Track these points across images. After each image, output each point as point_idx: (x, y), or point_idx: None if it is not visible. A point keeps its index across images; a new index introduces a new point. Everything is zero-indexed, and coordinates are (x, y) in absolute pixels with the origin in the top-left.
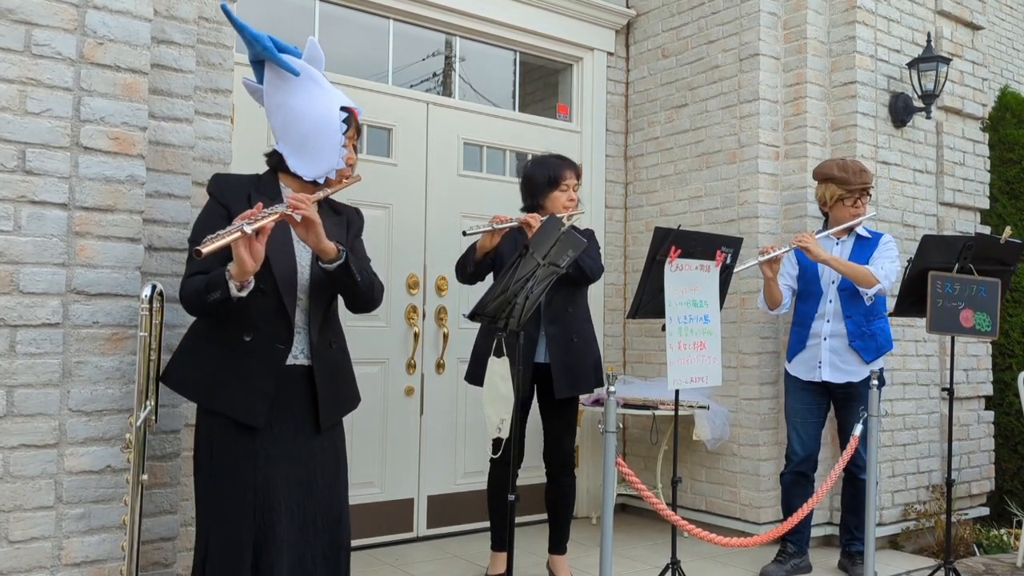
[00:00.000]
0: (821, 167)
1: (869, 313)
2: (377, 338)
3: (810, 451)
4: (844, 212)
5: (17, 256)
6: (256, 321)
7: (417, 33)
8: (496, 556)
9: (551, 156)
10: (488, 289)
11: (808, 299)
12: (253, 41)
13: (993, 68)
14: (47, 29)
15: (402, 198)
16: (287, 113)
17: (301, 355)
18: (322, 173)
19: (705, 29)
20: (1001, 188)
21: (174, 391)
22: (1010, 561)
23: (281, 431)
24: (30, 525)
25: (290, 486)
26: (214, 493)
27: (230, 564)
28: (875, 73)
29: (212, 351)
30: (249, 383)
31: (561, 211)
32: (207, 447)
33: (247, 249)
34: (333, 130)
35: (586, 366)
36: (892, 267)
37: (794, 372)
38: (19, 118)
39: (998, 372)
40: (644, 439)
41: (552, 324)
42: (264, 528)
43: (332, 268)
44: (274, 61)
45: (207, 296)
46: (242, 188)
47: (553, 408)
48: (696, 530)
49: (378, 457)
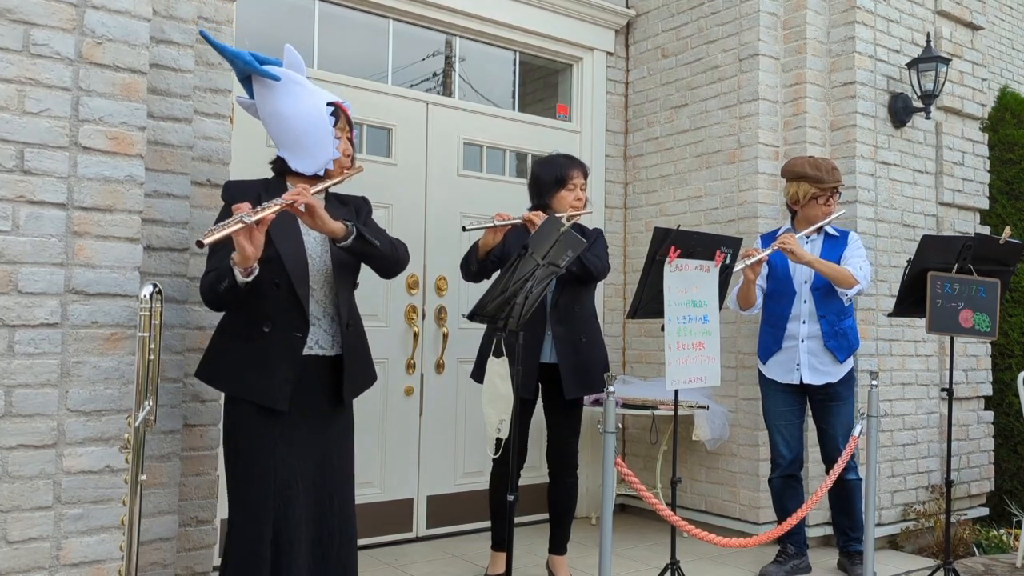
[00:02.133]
0: (792, 165)
1: (841, 312)
2: (377, 338)
3: (796, 453)
4: (817, 210)
5: (15, 256)
6: (273, 313)
7: (417, 33)
8: (496, 556)
9: (559, 155)
10: (487, 289)
11: (780, 299)
12: (234, 59)
13: (993, 68)
14: (46, 29)
15: (402, 198)
16: (278, 119)
17: (316, 345)
18: (320, 165)
19: (705, 29)
20: (1000, 188)
21: (208, 384)
22: (1009, 561)
23: (299, 416)
24: (28, 525)
25: (307, 468)
26: (239, 478)
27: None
28: (874, 73)
29: (236, 344)
30: (271, 370)
31: (568, 210)
32: (233, 436)
33: (247, 238)
34: (323, 124)
35: (595, 366)
36: (867, 266)
37: (771, 375)
38: (17, 118)
39: (997, 372)
40: (643, 439)
41: (559, 324)
42: (283, 508)
43: (348, 244)
44: (256, 72)
45: (218, 286)
46: (252, 191)
47: (559, 408)
48: (695, 530)
49: (377, 457)
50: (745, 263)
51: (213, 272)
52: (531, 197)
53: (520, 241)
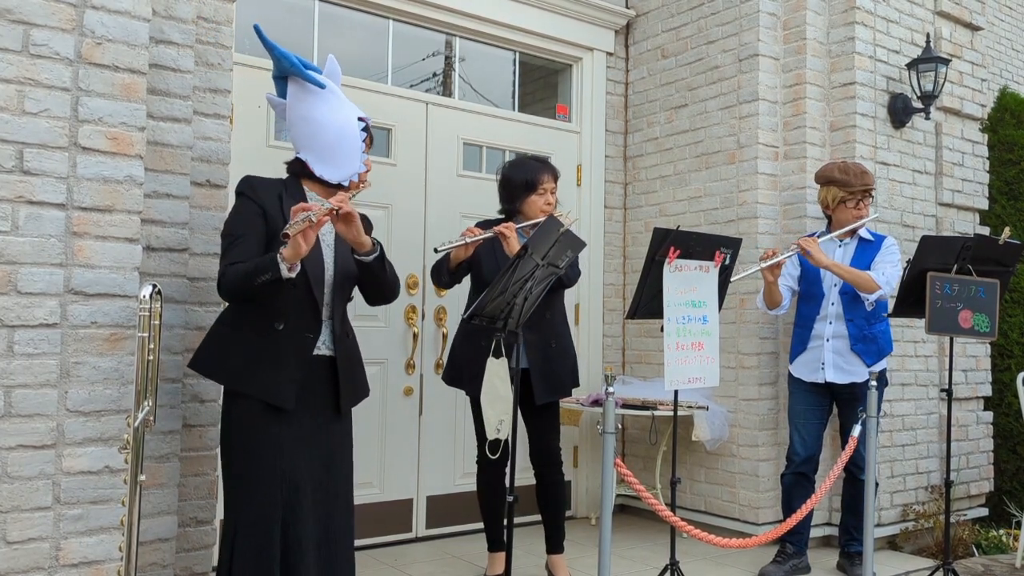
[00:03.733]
0: (822, 170)
1: (870, 316)
2: (376, 338)
3: (812, 452)
4: (847, 214)
5: (15, 256)
6: (287, 311)
7: (417, 33)
8: (494, 557)
9: (529, 158)
10: (487, 290)
11: (810, 301)
12: (281, 59)
13: (992, 69)
14: (45, 29)
15: (402, 198)
16: (311, 124)
17: (323, 346)
18: (346, 176)
19: (705, 29)
20: (1000, 189)
21: (204, 376)
22: (1009, 562)
23: (305, 415)
24: (28, 526)
25: (313, 467)
26: (244, 476)
27: (260, 540)
28: (874, 74)
29: (243, 338)
30: (280, 368)
31: (539, 215)
32: (237, 433)
33: (304, 236)
34: (355, 137)
35: (564, 371)
36: (893, 272)
37: (797, 374)
38: (17, 118)
39: (997, 373)
40: (643, 439)
41: (530, 330)
42: (291, 507)
43: (370, 260)
44: (301, 77)
45: (256, 278)
46: (273, 189)
47: (534, 411)
48: (695, 531)
49: (377, 457)
50: (762, 265)
51: (250, 263)
52: (501, 200)
53: (489, 247)
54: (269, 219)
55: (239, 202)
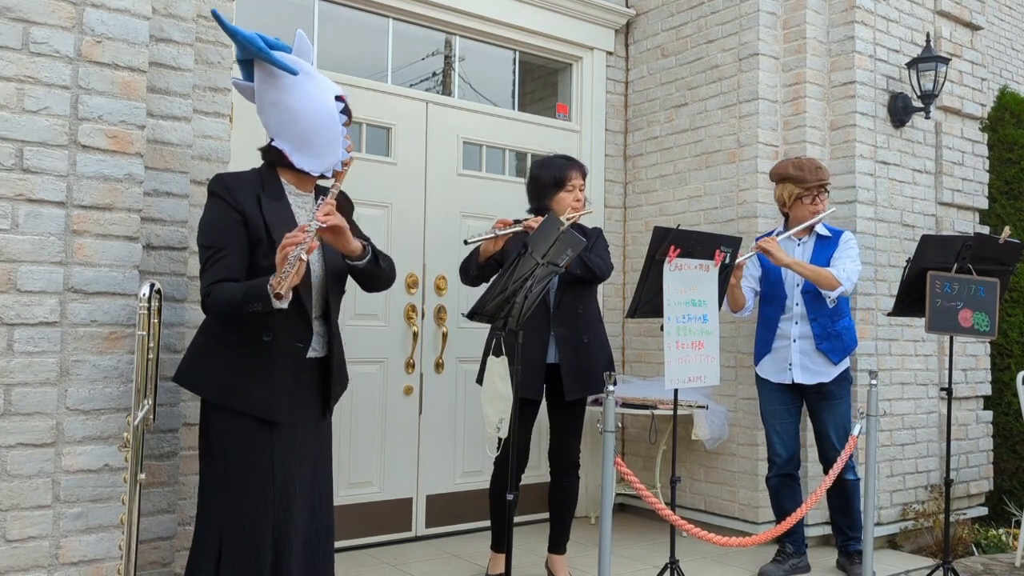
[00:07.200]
0: (776, 167)
1: (834, 314)
2: (376, 337)
3: (792, 451)
4: (804, 211)
5: (15, 254)
6: (274, 323)
7: (416, 32)
8: (495, 556)
9: (557, 157)
10: (487, 289)
11: (772, 302)
12: (246, 43)
13: (992, 68)
14: (45, 27)
15: (401, 197)
16: (283, 111)
17: (314, 349)
18: (328, 167)
19: (704, 29)
20: (1000, 188)
21: (189, 391)
22: (1008, 561)
23: (295, 420)
24: (27, 524)
25: (304, 470)
26: (233, 485)
27: (253, 548)
28: (874, 73)
29: (229, 351)
30: (269, 381)
31: (568, 211)
32: (223, 442)
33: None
34: (334, 124)
35: (597, 367)
36: (853, 267)
37: (764, 374)
38: (17, 116)
39: (997, 372)
40: (643, 439)
41: (562, 325)
42: (283, 512)
43: (362, 265)
44: (270, 62)
45: (245, 307)
46: (249, 188)
47: (561, 409)
48: (695, 530)
49: (377, 457)
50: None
51: (234, 287)
52: (529, 199)
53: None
54: (250, 226)
55: (214, 206)
